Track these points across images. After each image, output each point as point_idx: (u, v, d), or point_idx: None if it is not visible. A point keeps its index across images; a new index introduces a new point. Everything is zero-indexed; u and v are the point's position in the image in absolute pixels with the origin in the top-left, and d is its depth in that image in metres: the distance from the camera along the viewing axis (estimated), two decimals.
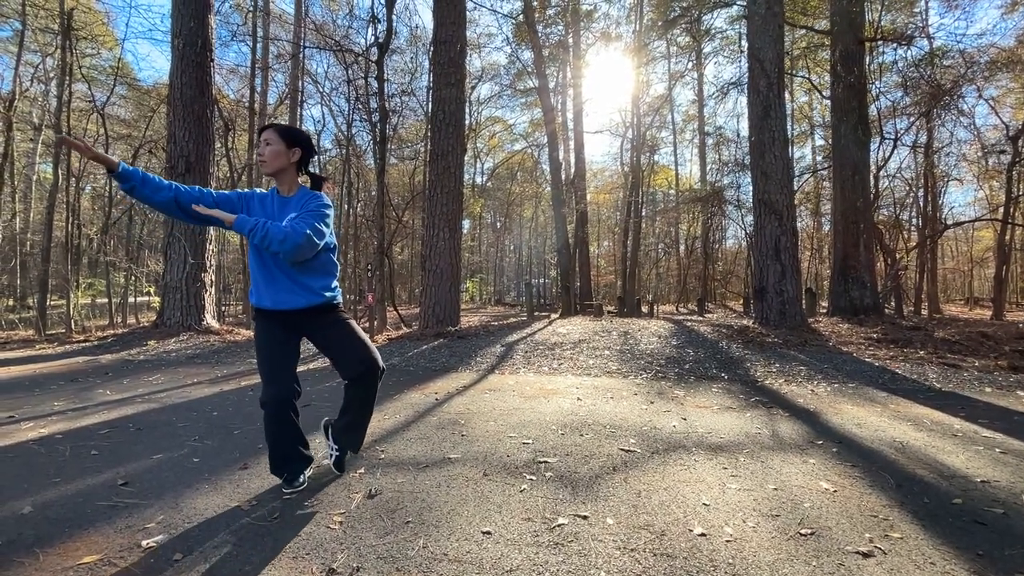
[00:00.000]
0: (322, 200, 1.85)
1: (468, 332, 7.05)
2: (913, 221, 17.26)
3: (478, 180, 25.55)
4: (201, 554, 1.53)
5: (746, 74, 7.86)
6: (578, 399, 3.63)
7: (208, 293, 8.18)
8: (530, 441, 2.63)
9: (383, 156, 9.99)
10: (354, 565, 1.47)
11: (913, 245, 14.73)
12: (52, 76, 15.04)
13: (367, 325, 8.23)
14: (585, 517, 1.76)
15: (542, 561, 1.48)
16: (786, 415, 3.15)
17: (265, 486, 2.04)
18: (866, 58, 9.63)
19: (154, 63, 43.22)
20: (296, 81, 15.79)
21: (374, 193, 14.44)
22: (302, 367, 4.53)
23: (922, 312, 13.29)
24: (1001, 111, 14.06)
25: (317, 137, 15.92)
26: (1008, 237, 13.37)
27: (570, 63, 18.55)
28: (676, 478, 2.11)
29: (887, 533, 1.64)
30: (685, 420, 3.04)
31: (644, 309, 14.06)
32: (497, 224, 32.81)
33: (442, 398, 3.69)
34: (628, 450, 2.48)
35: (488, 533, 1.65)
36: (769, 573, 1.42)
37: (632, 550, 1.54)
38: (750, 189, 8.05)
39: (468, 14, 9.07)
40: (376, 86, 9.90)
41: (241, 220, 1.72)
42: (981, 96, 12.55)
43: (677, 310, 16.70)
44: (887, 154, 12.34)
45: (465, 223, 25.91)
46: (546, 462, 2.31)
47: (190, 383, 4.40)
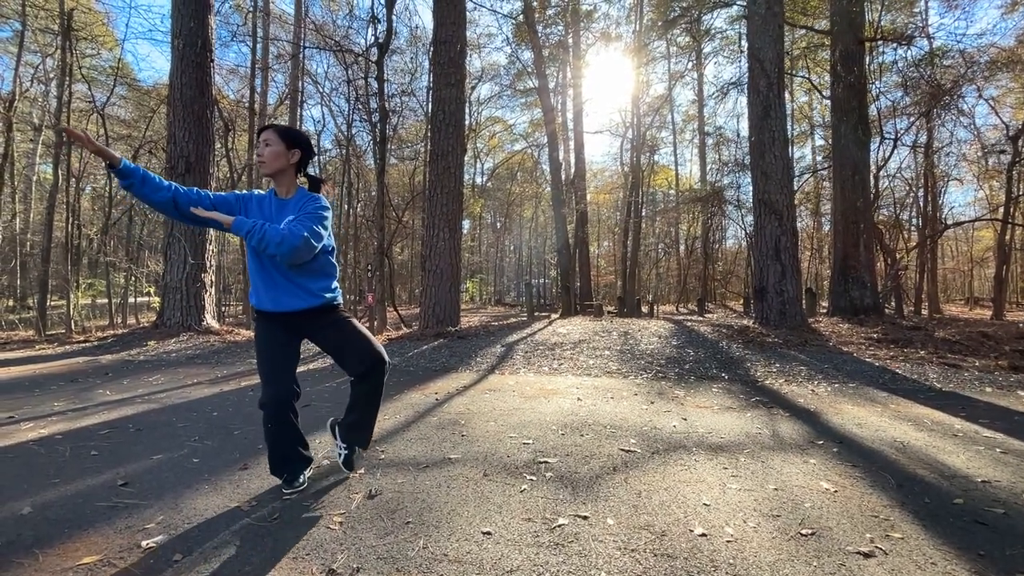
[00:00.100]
0: (320, 202, 1.85)
1: (468, 332, 7.04)
2: (913, 221, 17.28)
3: (478, 180, 25.57)
4: (201, 555, 1.53)
5: (746, 74, 7.86)
6: (578, 399, 3.62)
7: (208, 293, 8.18)
8: (530, 441, 2.63)
9: (383, 156, 9.99)
10: (354, 566, 1.46)
11: (913, 245, 14.73)
12: (52, 76, 15.05)
13: (367, 325, 8.22)
14: (585, 517, 1.75)
15: (542, 561, 1.48)
16: (786, 415, 3.15)
17: (265, 487, 2.04)
18: (866, 58, 9.62)
19: (154, 63, 43.28)
20: (296, 81, 15.79)
21: (374, 193, 14.44)
22: (302, 367, 4.53)
23: (922, 312, 13.29)
24: (1001, 111, 14.08)
25: (317, 137, 15.93)
26: (1008, 237, 13.37)
27: (570, 63, 18.56)
28: (676, 478, 2.11)
29: (888, 533, 1.64)
30: (685, 420, 3.03)
31: (644, 309, 14.06)
32: (497, 224, 32.82)
33: (442, 398, 3.68)
34: (628, 450, 2.48)
35: (488, 533, 1.65)
36: (770, 573, 1.42)
37: (633, 550, 1.54)
38: (750, 189, 8.06)
39: (468, 14, 9.07)
40: (376, 86, 9.91)
41: (239, 222, 1.72)
42: (981, 96, 12.56)
43: (677, 310, 16.70)
44: (887, 154, 12.34)
45: (465, 223, 25.93)
46: (546, 462, 2.31)
47: (190, 383, 4.39)
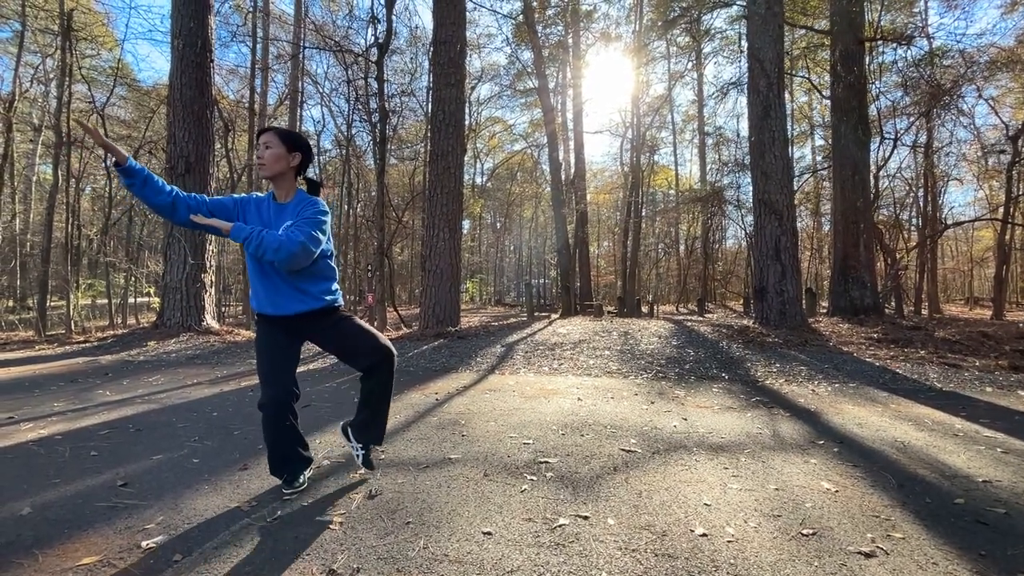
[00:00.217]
0: (319, 207, 1.84)
1: (468, 332, 7.04)
2: (913, 221, 17.28)
3: (478, 180, 25.58)
4: (201, 555, 1.53)
5: (746, 74, 7.86)
6: (578, 399, 3.62)
7: (208, 294, 8.18)
8: (531, 441, 2.63)
9: (383, 156, 9.99)
10: (354, 566, 1.46)
11: (913, 245, 14.73)
12: (52, 77, 15.05)
13: None
14: (586, 517, 1.75)
15: (543, 562, 1.48)
16: (787, 415, 3.15)
17: (265, 487, 2.04)
18: (866, 58, 9.62)
19: (154, 64, 43.32)
20: (296, 82, 15.79)
21: (374, 193, 14.44)
22: (302, 368, 4.53)
23: (922, 312, 13.30)
24: (1001, 111, 14.07)
25: (317, 138, 15.96)
26: (1008, 237, 13.37)
27: (570, 63, 18.56)
28: (677, 478, 2.11)
29: (889, 533, 1.64)
30: (686, 420, 3.03)
31: (644, 309, 14.06)
32: (497, 224, 32.82)
33: (442, 398, 3.68)
34: (629, 450, 2.47)
35: (489, 534, 1.64)
36: (771, 573, 1.41)
37: (633, 550, 1.54)
38: (750, 189, 8.06)
39: (468, 14, 9.08)
40: (376, 86, 9.91)
41: (237, 229, 1.72)
42: (981, 96, 12.55)
43: (677, 310, 16.70)
44: (887, 154, 12.33)
45: (465, 223, 25.93)
46: (547, 462, 2.30)
47: (190, 384, 4.39)
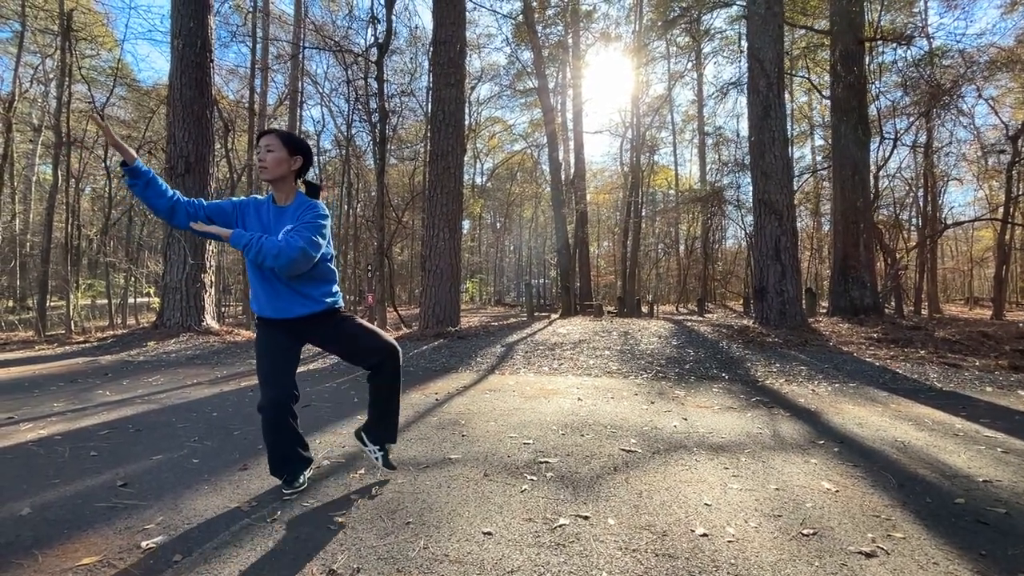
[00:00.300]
0: (318, 210, 1.84)
1: (468, 332, 7.04)
2: (913, 221, 17.29)
3: (478, 180, 25.59)
4: (201, 555, 1.52)
5: (746, 74, 7.86)
6: (579, 399, 3.62)
7: (208, 294, 8.18)
8: (531, 441, 2.63)
9: (383, 156, 9.99)
10: (354, 566, 1.46)
11: (913, 245, 14.73)
12: (52, 77, 15.06)
13: None
14: (586, 517, 1.75)
15: (543, 562, 1.48)
16: (787, 415, 3.15)
17: (265, 487, 2.03)
18: (866, 58, 9.61)
19: (154, 64, 43.33)
20: (296, 82, 15.79)
21: (374, 194, 14.44)
22: (302, 368, 4.52)
23: (922, 312, 13.30)
24: (1001, 111, 14.08)
25: (317, 138, 15.96)
26: (1008, 237, 13.37)
27: (570, 63, 18.56)
28: (677, 478, 2.11)
29: (889, 533, 1.64)
30: (686, 420, 3.03)
31: (644, 309, 14.06)
32: (497, 224, 32.83)
33: (442, 398, 3.68)
34: (629, 450, 2.47)
35: (489, 534, 1.64)
36: (772, 573, 1.41)
37: (634, 551, 1.54)
38: (750, 189, 8.05)
39: (468, 14, 9.07)
40: (376, 86, 9.91)
41: (236, 235, 1.71)
42: (981, 96, 12.55)
43: (677, 310, 16.71)
44: (887, 154, 12.33)
45: (465, 223, 25.94)
46: (547, 462, 2.30)
47: (190, 384, 4.39)
